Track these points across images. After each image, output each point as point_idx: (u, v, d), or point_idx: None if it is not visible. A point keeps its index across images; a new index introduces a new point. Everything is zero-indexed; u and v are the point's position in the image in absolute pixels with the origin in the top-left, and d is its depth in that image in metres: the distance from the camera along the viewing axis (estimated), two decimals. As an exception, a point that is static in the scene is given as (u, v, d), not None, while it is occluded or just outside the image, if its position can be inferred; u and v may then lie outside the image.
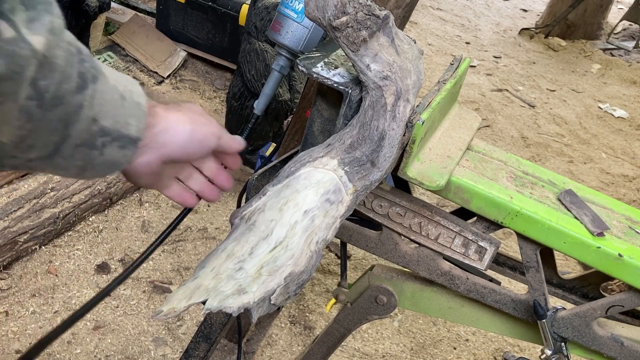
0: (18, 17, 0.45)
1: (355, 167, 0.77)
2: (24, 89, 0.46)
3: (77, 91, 0.51)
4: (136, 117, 0.59)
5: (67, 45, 0.50)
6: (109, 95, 0.55)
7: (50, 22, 0.47)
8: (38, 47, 0.46)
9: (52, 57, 0.47)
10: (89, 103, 0.52)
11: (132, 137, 0.59)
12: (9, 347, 1.75)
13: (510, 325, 1.01)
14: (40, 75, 0.47)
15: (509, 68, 4.84)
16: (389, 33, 0.77)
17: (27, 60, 0.45)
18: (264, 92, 1.29)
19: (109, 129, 0.56)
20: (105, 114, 0.55)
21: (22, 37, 0.45)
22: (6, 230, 1.89)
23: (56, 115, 0.50)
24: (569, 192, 0.96)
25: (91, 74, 0.53)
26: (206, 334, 1.18)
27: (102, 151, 0.57)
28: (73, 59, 0.50)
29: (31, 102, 0.47)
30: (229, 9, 3.14)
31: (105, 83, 0.55)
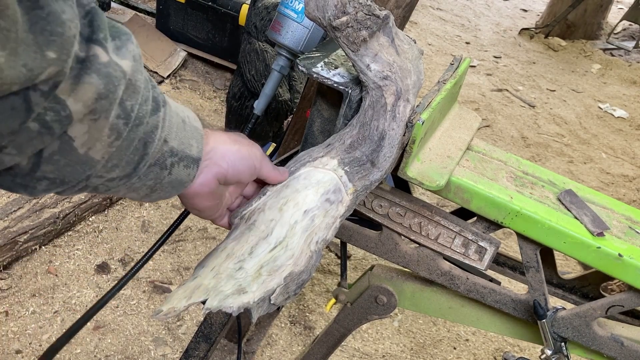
0: (109, 45, 0.51)
1: (355, 167, 0.77)
2: (115, 108, 0.51)
3: (153, 113, 0.56)
4: (196, 139, 0.64)
5: (144, 72, 0.56)
6: (175, 119, 0.61)
7: (132, 50, 0.53)
8: (127, 70, 0.52)
9: (135, 80, 0.53)
10: (162, 125, 0.58)
11: (194, 157, 0.64)
12: (9, 347, 1.75)
13: (510, 325, 1.01)
14: (126, 96, 0.52)
15: (509, 68, 4.84)
16: (389, 33, 0.77)
17: (119, 81, 0.51)
18: (264, 92, 1.29)
19: (177, 150, 0.62)
20: (173, 136, 0.61)
21: (114, 61, 0.50)
22: (6, 230, 1.89)
23: (138, 134, 0.55)
24: (569, 192, 0.96)
25: (162, 99, 0.59)
26: (206, 334, 1.18)
27: (170, 170, 0.62)
28: (148, 84, 0.56)
29: (119, 120, 0.53)
30: (229, 9, 3.14)
31: (170, 108, 0.61)
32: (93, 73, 0.49)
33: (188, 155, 0.63)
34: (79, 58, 0.48)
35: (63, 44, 0.44)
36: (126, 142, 0.55)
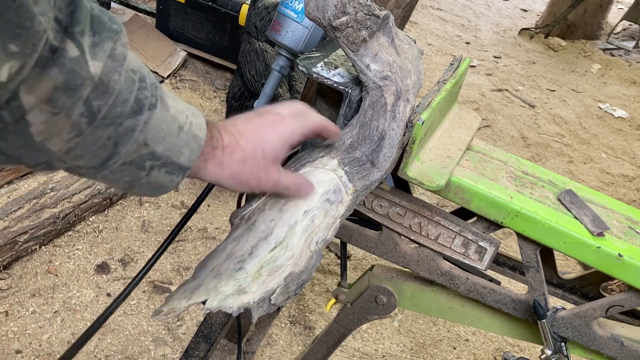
0: (85, 39, 0.49)
1: (355, 167, 0.77)
2: (78, 106, 0.49)
3: (130, 115, 0.53)
4: (190, 148, 0.61)
5: (128, 72, 0.53)
6: (166, 124, 0.58)
7: (111, 49, 0.51)
8: (94, 71, 0.49)
9: (109, 81, 0.51)
10: (141, 128, 0.55)
11: (182, 166, 0.61)
12: (9, 347, 1.75)
13: (510, 325, 1.01)
14: (94, 95, 0.50)
15: (509, 68, 4.84)
16: (389, 33, 0.77)
17: (84, 80, 0.49)
18: (264, 92, 1.29)
19: (159, 154, 0.58)
20: (158, 140, 0.57)
21: (85, 58, 0.49)
22: (6, 230, 1.89)
23: (106, 133, 0.53)
24: (569, 192, 0.96)
25: (149, 102, 0.55)
26: (206, 334, 1.18)
27: (149, 173, 0.59)
28: (133, 85, 0.53)
29: (82, 118, 0.50)
30: (229, 9, 3.14)
31: (163, 111, 0.57)
32: (55, 67, 0.47)
33: (174, 162, 0.60)
34: (52, 47, 0.47)
35: (29, 38, 0.43)
36: (89, 139, 0.53)
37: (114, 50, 0.51)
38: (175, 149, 0.59)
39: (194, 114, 0.63)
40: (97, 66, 0.49)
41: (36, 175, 2.07)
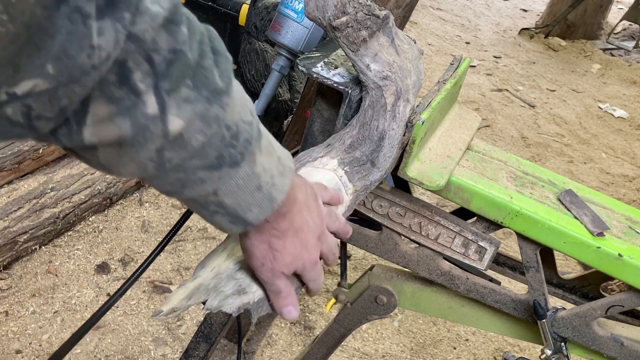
0: (173, 97, 0.45)
1: (355, 167, 0.77)
2: (146, 153, 0.47)
3: (206, 169, 0.50)
4: (262, 208, 0.57)
5: (219, 130, 0.49)
6: (243, 182, 0.54)
7: (204, 110, 0.47)
8: (173, 129, 0.46)
9: (190, 139, 0.47)
10: (213, 181, 0.52)
11: (247, 221, 0.57)
12: (9, 347, 1.75)
13: (510, 325, 1.01)
14: (168, 147, 0.47)
15: (509, 68, 4.84)
16: (389, 33, 0.77)
17: (154, 138, 0.45)
18: (264, 92, 1.29)
19: (227, 205, 0.55)
20: (229, 194, 0.54)
21: (164, 117, 0.45)
22: (6, 230, 1.89)
23: (174, 177, 0.50)
24: (569, 192, 0.96)
25: (232, 160, 0.51)
26: (206, 334, 1.18)
27: (212, 215, 0.57)
28: (220, 143, 0.49)
29: (150, 162, 0.48)
30: (229, 9, 3.14)
31: (247, 169, 0.54)
32: (127, 118, 0.43)
33: (240, 216, 0.56)
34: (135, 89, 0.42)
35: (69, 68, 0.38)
36: (156, 177, 0.50)
37: (207, 112, 0.47)
38: (245, 205, 0.56)
39: (282, 172, 0.58)
40: (178, 124, 0.46)
41: (36, 175, 2.08)
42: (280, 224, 0.60)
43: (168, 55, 0.43)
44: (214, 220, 0.58)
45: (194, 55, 0.46)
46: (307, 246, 0.64)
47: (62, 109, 0.40)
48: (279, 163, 0.58)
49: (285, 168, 0.59)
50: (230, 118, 0.50)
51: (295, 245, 0.63)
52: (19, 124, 0.39)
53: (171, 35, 0.43)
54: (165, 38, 0.43)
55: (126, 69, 0.42)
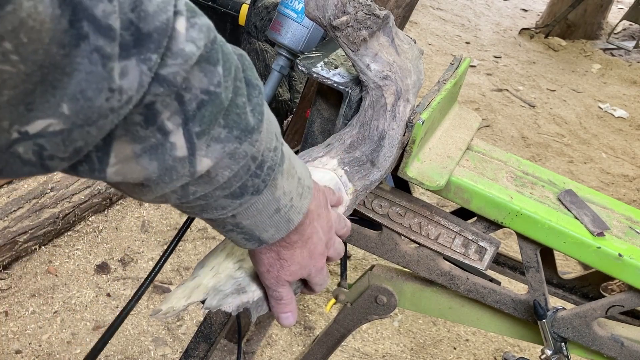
0: (203, 139, 0.43)
1: (355, 167, 0.77)
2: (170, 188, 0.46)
3: (228, 197, 0.50)
4: (278, 229, 0.57)
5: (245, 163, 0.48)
6: (262, 206, 0.54)
7: (234, 149, 0.46)
8: (200, 170, 0.45)
9: (216, 175, 0.46)
10: (234, 207, 0.52)
11: (261, 240, 0.57)
12: (9, 347, 1.75)
13: (511, 325, 1.01)
14: (193, 183, 0.46)
15: (509, 68, 4.84)
16: (389, 33, 0.77)
17: (181, 177, 0.44)
18: (264, 92, 1.29)
19: (244, 226, 0.55)
20: (247, 216, 0.54)
21: (192, 159, 0.43)
22: (6, 230, 1.89)
23: (195, 203, 0.50)
24: (569, 192, 0.96)
25: (254, 188, 0.51)
26: (206, 334, 1.18)
27: (226, 232, 0.57)
28: (245, 174, 0.49)
29: (173, 195, 0.47)
30: (229, 8, 3.13)
31: (268, 194, 0.53)
32: (155, 160, 0.42)
33: (255, 235, 0.57)
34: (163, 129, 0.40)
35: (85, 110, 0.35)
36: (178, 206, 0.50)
37: (237, 150, 0.46)
38: (262, 226, 0.56)
39: (302, 194, 0.58)
40: (206, 164, 0.45)
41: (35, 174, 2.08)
42: (291, 237, 0.60)
43: (200, 96, 0.41)
44: (228, 236, 0.58)
45: (228, 94, 0.44)
46: (314, 255, 0.64)
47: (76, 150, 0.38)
48: (299, 184, 0.57)
49: (304, 189, 0.58)
50: (257, 151, 0.49)
51: (304, 256, 0.62)
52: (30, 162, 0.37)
53: (205, 75, 0.41)
54: (199, 78, 0.41)
55: (154, 110, 0.40)
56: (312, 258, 0.63)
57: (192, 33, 0.39)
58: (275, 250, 0.61)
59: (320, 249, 0.64)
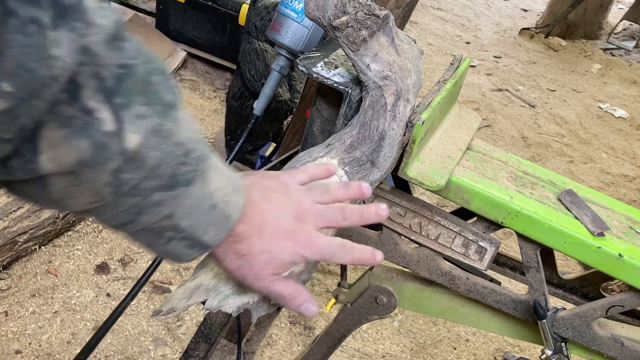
0: (128, 111, 0.44)
1: (355, 167, 0.77)
2: (103, 176, 0.46)
3: (160, 189, 0.50)
4: (218, 227, 0.56)
5: (172, 146, 0.48)
6: (198, 201, 0.53)
7: (157, 125, 0.46)
8: (129, 145, 0.45)
9: (145, 156, 0.47)
10: (169, 202, 0.51)
11: (204, 243, 0.57)
12: (9, 347, 1.75)
13: (511, 326, 1.01)
14: (125, 169, 0.46)
15: (509, 68, 4.84)
16: (389, 33, 0.77)
17: (113, 156, 0.45)
18: (263, 92, 1.29)
19: (182, 228, 0.54)
20: (184, 215, 0.53)
21: (121, 134, 0.44)
22: (6, 230, 1.89)
23: (130, 202, 0.49)
24: (569, 192, 0.96)
25: (186, 178, 0.51)
26: (206, 334, 1.18)
27: (167, 242, 0.55)
28: (172, 161, 0.49)
29: (107, 188, 0.47)
30: (229, 8, 3.13)
31: (200, 187, 0.53)
32: (85, 138, 0.42)
33: (196, 239, 0.56)
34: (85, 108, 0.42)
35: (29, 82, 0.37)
36: (111, 205, 0.49)
37: (161, 126, 0.47)
38: (201, 226, 0.55)
39: (236, 190, 0.58)
40: (135, 140, 0.45)
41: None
42: (238, 229, 0.58)
43: (117, 70, 0.43)
44: (169, 250, 0.56)
45: (143, 69, 0.45)
46: (283, 234, 0.60)
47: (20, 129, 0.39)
48: (230, 181, 0.57)
49: (236, 186, 0.58)
50: (181, 134, 0.49)
51: (266, 241, 0.60)
52: None
53: (119, 50, 0.43)
54: (113, 54, 0.43)
55: (76, 86, 0.41)
56: (283, 238, 0.60)
57: (101, 11, 0.41)
58: (231, 251, 0.59)
59: (287, 225, 0.61)
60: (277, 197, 0.62)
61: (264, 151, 2.48)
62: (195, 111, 3.12)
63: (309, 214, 0.63)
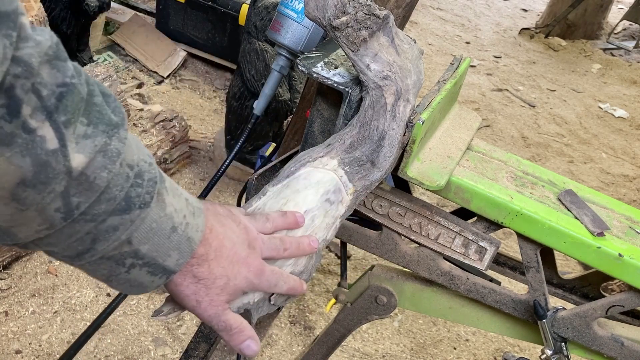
0: (71, 130, 0.43)
1: (355, 167, 0.77)
2: (52, 200, 0.44)
3: (115, 213, 0.48)
4: (180, 251, 0.55)
5: (123, 168, 0.48)
6: (157, 224, 0.52)
7: (104, 144, 0.45)
8: (75, 165, 0.44)
9: (95, 178, 0.45)
10: (126, 226, 0.50)
11: (167, 268, 0.55)
12: (9, 347, 1.75)
13: (511, 326, 1.01)
14: (74, 191, 0.45)
15: (509, 68, 4.84)
16: (389, 33, 0.77)
17: (58, 176, 0.43)
18: (263, 92, 1.29)
19: (143, 254, 0.53)
20: (144, 240, 0.52)
21: (65, 151, 0.43)
22: (6, 230, 1.89)
23: (84, 229, 0.47)
24: (569, 192, 0.96)
25: (141, 200, 0.50)
26: (206, 334, 1.18)
27: (129, 270, 0.53)
28: (125, 182, 0.48)
29: (58, 214, 0.45)
30: (229, 8, 3.14)
31: (158, 210, 0.52)
32: (27, 157, 0.41)
33: (158, 264, 0.54)
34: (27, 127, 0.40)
35: None
36: (65, 232, 0.47)
37: (107, 146, 0.46)
38: (163, 251, 0.53)
39: (194, 212, 0.57)
40: (81, 161, 0.44)
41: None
42: (198, 251, 0.57)
43: (57, 89, 0.42)
44: (131, 278, 0.54)
45: (84, 88, 0.45)
46: (238, 260, 0.60)
47: None
48: (188, 204, 0.56)
49: (195, 209, 0.57)
50: (131, 156, 0.49)
51: (224, 265, 0.59)
52: None
53: (58, 70, 0.42)
54: (53, 74, 0.42)
55: (15, 100, 0.40)
56: (237, 264, 0.60)
57: (37, 30, 0.41)
58: (189, 273, 0.57)
59: (243, 253, 0.61)
60: (229, 223, 0.62)
61: (264, 151, 2.48)
62: (195, 111, 3.12)
63: (257, 242, 0.63)
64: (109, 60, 3.18)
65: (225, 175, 2.49)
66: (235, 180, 2.66)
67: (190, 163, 2.69)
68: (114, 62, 3.19)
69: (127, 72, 3.19)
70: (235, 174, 2.66)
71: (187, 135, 2.58)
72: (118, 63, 3.19)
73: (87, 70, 2.28)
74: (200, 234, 0.56)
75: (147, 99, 3.02)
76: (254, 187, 0.94)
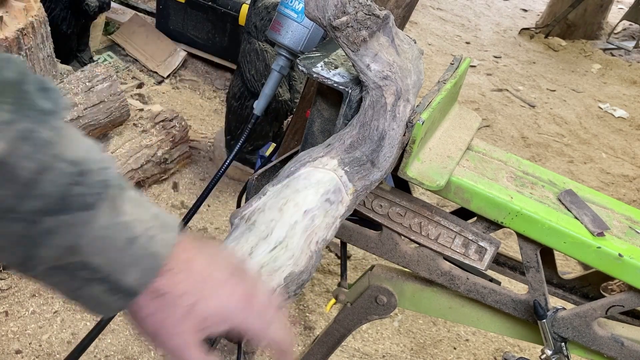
0: None
1: (355, 167, 0.77)
2: None
3: (49, 213, 0.43)
4: (142, 267, 0.47)
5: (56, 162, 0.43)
6: (107, 232, 0.46)
7: (28, 130, 0.41)
8: None
9: (14, 167, 0.41)
10: (65, 230, 0.44)
11: (126, 288, 0.47)
12: (9, 347, 1.75)
13: (511, 326, 1.01)
14: None
15: (509, 68, 4.84)
16: (389, 33, 0.77)
17: None
18: (263, 92, 1.29)
19: (96, 267, 0.46)
20: (95, 250, 0.46)
21: None
22: (6, 230, 1.89)
23: (16, 229, 0.43)
24: (569, 192, 0.96)
25: (82, 201, 0.44)
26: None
27: (82, 286, 0.47)
28: (58, 178, 0.43)
29: None
30: (229, 8, 3.14)
31: (110, 217, 0.46)
32: None
33: (115, 281, 0.47)
34: None
35: None
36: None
37: (33, 133, 0.41)
38: (119, 265, 0.47)
39: (165, 226, 0.50)
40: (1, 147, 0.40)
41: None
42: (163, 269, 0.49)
43: None
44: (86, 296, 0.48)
45: (11, 75, 0.41)
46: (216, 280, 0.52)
47: None
48: (157, 218, 0.50)
49: (167, 224, 0.50)
50: (73, 151, 0.44)
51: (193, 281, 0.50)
52: None
53: None
54: None
55: None
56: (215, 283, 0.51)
57: None
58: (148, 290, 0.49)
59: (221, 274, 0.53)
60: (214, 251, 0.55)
61: (264, 151, 2.48)
62: (195, 111, 3.12)
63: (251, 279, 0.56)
64: (109, 61, 3.19)
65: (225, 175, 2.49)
66: (235, 180, 2.66)
67: (190, 163, 2.69)
68: (114, 62, 3.19)
69: (127, 72, 3.19)
70: (235, 174, 2.66)
71: (187, 135, 2.58)
72: (118, 63, 3.19)
73: (87, 70, 2.28)
74: (168, 249, 0.49)
75: (147, 99, 3.02)
76: (254, 187, 0.94)
